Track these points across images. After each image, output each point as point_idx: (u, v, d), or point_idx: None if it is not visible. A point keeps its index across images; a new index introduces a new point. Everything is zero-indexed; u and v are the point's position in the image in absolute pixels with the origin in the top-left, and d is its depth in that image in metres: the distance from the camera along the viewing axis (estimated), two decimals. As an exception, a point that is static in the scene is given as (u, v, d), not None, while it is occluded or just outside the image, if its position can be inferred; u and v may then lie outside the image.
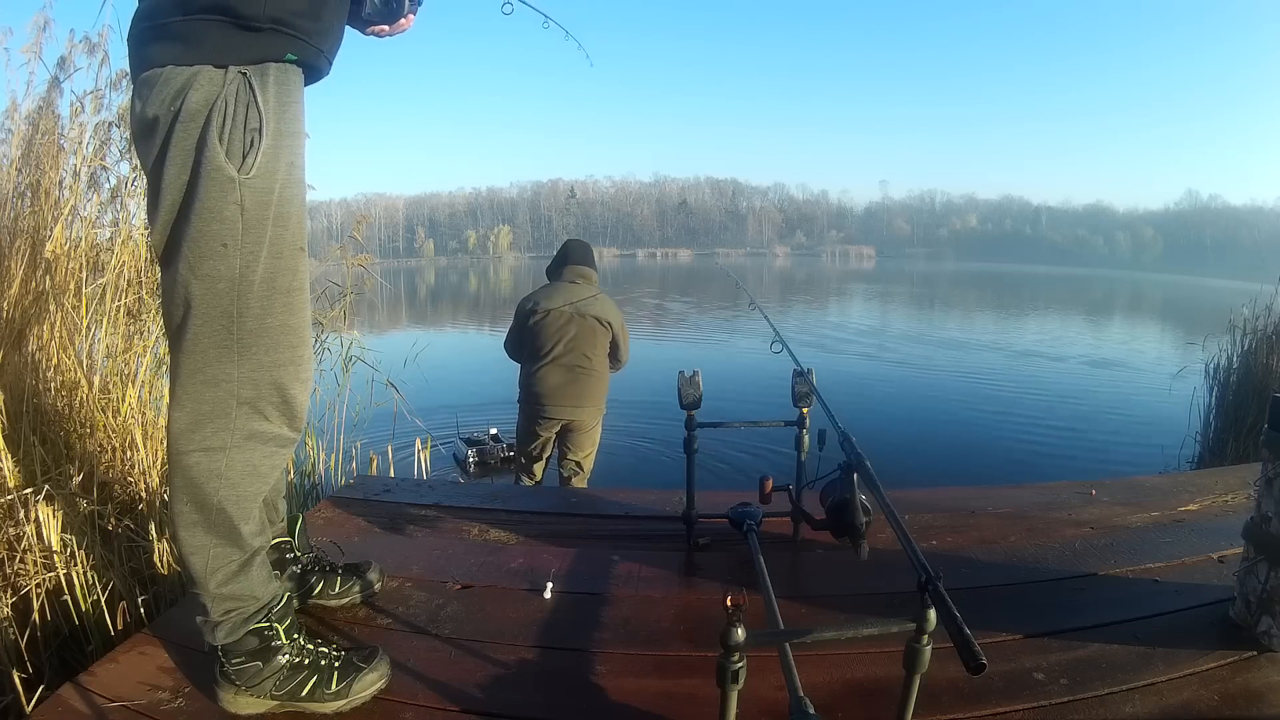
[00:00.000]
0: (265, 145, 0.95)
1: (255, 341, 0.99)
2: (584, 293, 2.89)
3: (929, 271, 56.04)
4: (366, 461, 3.10)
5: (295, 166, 1.00)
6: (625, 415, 5.95)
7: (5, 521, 1.56)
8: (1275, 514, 1.17)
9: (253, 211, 0.95)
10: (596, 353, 2.89)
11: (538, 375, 2.89)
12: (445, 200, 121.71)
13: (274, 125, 0.95)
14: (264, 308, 0.99)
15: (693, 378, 1.50)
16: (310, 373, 1.09)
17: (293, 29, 0.95)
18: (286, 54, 0.96)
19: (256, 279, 0.98)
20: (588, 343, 2.86)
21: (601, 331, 2.88)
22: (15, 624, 1.41)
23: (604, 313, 2.89)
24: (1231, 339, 4.23)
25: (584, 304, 2.86)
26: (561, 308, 2.85)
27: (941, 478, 4.41)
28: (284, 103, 0.97)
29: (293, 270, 1.02)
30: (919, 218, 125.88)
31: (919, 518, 1.76)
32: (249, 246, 0.96)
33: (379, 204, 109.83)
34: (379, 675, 1.08)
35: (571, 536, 1.73)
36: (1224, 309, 4.53)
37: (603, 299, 2.93)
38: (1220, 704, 1.04)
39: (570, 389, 2.89)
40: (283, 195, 0.98)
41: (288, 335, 1.02)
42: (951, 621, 0.66)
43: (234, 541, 1.03)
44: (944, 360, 9.89)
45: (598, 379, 2.92)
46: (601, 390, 2.96)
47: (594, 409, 2.95)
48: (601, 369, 2.93)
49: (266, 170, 0.95)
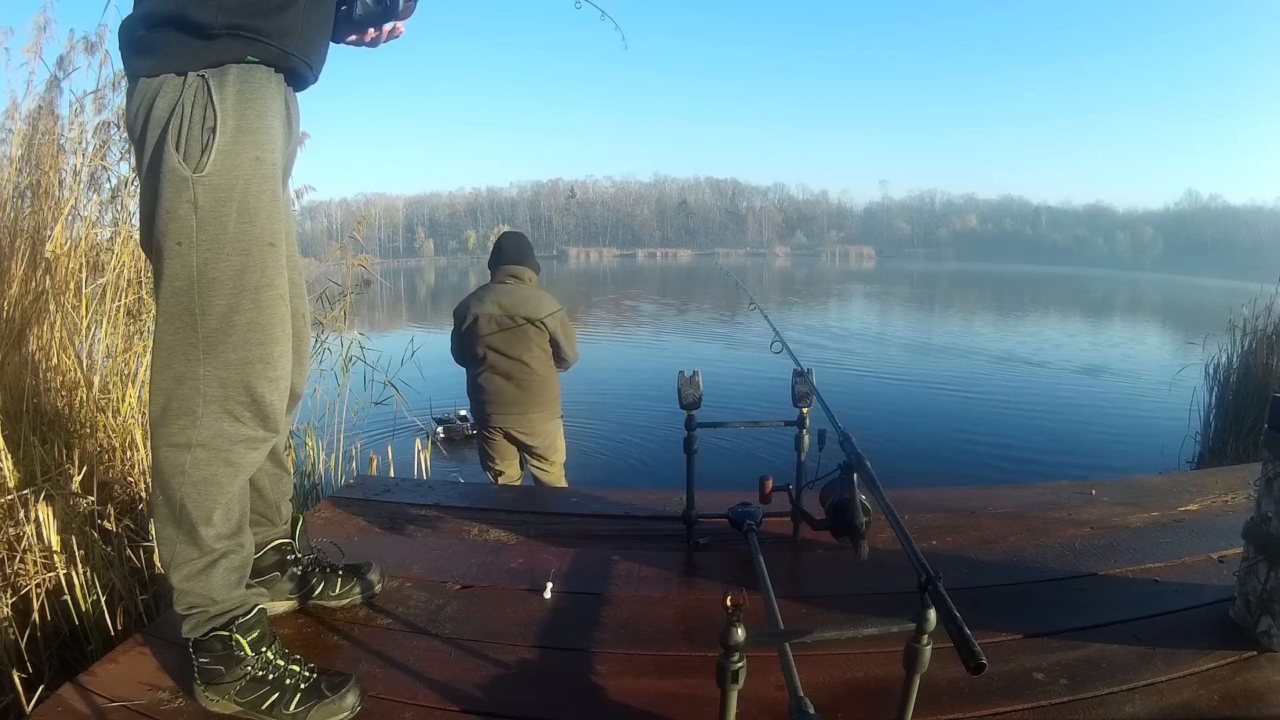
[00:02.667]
0: (222, 142, 0.95)
1: (222, 340, 0.99)
2: (514, 293, 2.69)
3: (929, 271, 56.03)
4: (366, 461, 3.10)
5: (263, 161, 1.00)
6: (625, 415, 5.96)
7: (5, 521, 1.56)
8: (1275, 514, 1.17)
9: (209, 209, 0.96)
10: (532, 355, 2.69)
11: (477, 383, 2.76)
12: (445, 200, 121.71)
13: (233, 122, 0.96)
14: (231, 305, 0.99)
15: (693, 378, 1.50)
16: (283, 371, 1.06)
17: (251, 32, 0.97)
18: (247, 56, 0.98)
19: (220, 276, 0.97)
20: (519, 346, 2.67)
21: (535, 332, 2.67)
22: (15, 624, 1.41)
23: (534, 312, 2.67)
24: (1231, 339, 4.23)
25: (513, 305, 2.67)
26: (490, 312, 2.68)
27: (941, 478, 4.41)
28: (247, 100, 0.98)
29: (261, 266, 1.01)
30: (919, 218, 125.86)
31: (919, 518, 1.76)
32: (206, 244, 0.96)
33: (379, 204, 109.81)
34: (343, 710, 1.03)
35: (571, 536, 1.72)
36: (1224, 309, 4.53)
37: (535, 298, 2.71)
38: (1220, 704, 1.04)
39: (507, 395, 2.72)
40: (248, 191, 0.98)
41: (256, 333, 1.01)
42: (951, 621, 0.66)
43: (194, 540, 1.02)
44: (943, 360, 9.89)
45: (539, 382, 2.73)
46: (545, 394, 2.76)
47: (541, 413, 2.77)
48: (543, 371, 2.74)
49: (224, 167, 0.96)
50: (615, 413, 6.08)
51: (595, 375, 7.70)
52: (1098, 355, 10.65)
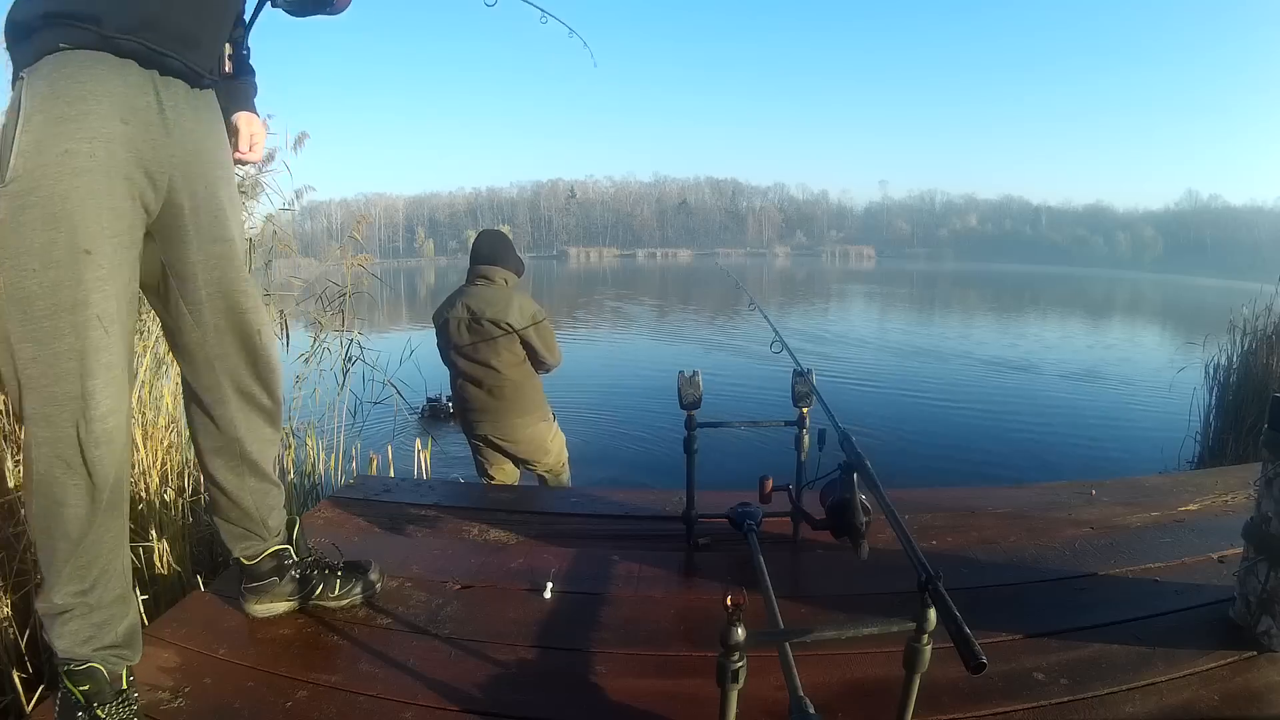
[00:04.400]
0: (25, 143, 0.86)
1: (40, 372, 0.88)
2: (482, 295, 2.54)
3: (929, 271, 56.04)
4: (366, 461, 3.10)
5: (75, 154, 0.87)
6: (626, 415, 5.96)
7: (5, 521, 1.56)
8: (1275, 514, 1.17)
9: (12, 217, 0.85)
10: (503, 360, 2.53)
11: (455, 389, 2.68)
12: (445, 200, 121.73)
13: (41, 117, 0.86)
14: (49, 330, 0.87)
15: (692, 378, 1.50)
16: (105, 409, 0.91)
17: (61, 18, 0.88)
18: (58, 44, 0.88)
19: (29, 295, 0.86)
20: (486, 350, 2.53)
21: (505, 337, 2.51)
22: (15, 624, 1.41)
23: (503, 315, 2.50)
24: (1231, 339, 4.23)
25: (480, 308, 2.52)
26: (458, 315, 2.55)
27: (941, 478, 4.41)
28: (60, 89, 0.87)
29: (75, 281, 0.87)
30: (919, 218, 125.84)
31: (919, 518, 1.76)
32: (10, 259, 0.86)
33: (379, 204, 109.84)
34: None
35: (571, 536, 1.72)
36: (1224, 309, 4.53)
37: (503, 299, 2.53)
38: (1220, 704, 1.04)
39: (479, 402, 2.59)
40: (55, 192, 0.86)
41: (70, 363, 0.88)
42: (951, 621, 0.66)
43: (47, 590, 0.96)
44: (943, 360, 9.88)
45: (511, 388, 2.57)
46: (520, 400, 2.60)
47: (523, 419, 2.61)
48: (518, 376, 2.57)
49: (27, 169, 0.86)
50: (615, 413, 6.09)
51: (594, 375, 7.71)
52: (1097, 356, 10.66)
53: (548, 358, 2.63)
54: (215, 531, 1.32)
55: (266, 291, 2.76)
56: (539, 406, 2.68)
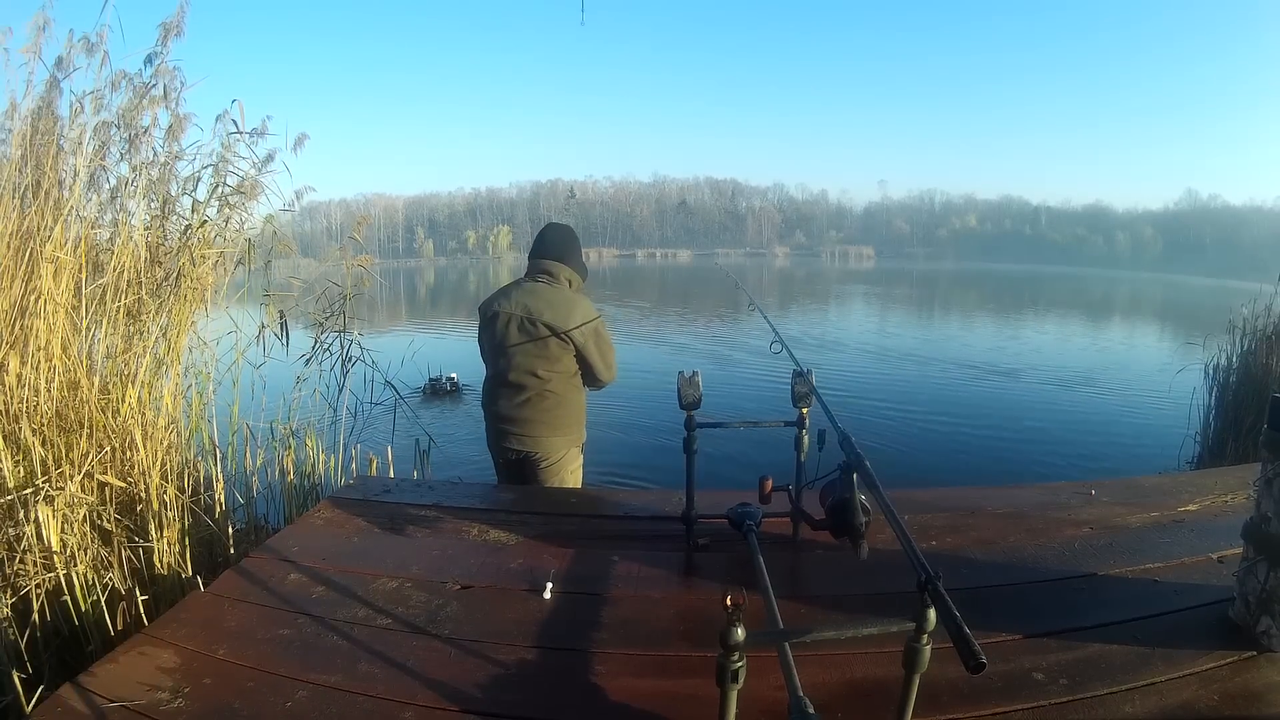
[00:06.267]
0: None
1: None
2: (544, 296, 2.22)
3: (929, 271, 56.05)
4: (366, 461, 3.10)
5: None
6: (625, 415, 5.96)
7: (5, 521, 1.56)
8: (1275, 514, 1.17)
9: None
10: (552, 369, 2.20)
11: (488, 393, 2.33)
12: (445, 200, 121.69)
13: None
14: None
15: (692, 378, 1.50)
16: None
17: None
18: None
19: None
20: (537, 357, 2.19)
21: (557, 344, 2.18)
22: (15, 624, 1.42)
23: (560, 321, 2.18)
24: (1231, 339, 4.23)
25: (539, 309, 2.19)
26: (512, 311, 2.21)
27: (941, 478, 4.41)
28: None
29: None
30: (918, 218, 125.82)
31: (919, 518, 1.76)
32: None
33: (379, 204, 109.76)
34: None
35: (571, 536, 1.72)
36: (1223, 309, 4.53)
37: (567, 303, 2.22)
38: (1220, 704, 1.04)
39: (518, 413, 2.24)
40: None
41: None
42: (951, 621, 0.66)
43: None
44: (942, 360, 9.88)
45: (554, 402, 2.23)
46: (566, 417, 2.27)
47: (557, 439, 2.27)
48: (562, 390, 2.23)
49: None
50: (615, 413, 6.08)
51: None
52: (1097, 356, 10.66)
53: (604, 374, 2.30)
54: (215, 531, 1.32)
55: (266, 292, 2.77)
56: (576, 427, 2.34)
